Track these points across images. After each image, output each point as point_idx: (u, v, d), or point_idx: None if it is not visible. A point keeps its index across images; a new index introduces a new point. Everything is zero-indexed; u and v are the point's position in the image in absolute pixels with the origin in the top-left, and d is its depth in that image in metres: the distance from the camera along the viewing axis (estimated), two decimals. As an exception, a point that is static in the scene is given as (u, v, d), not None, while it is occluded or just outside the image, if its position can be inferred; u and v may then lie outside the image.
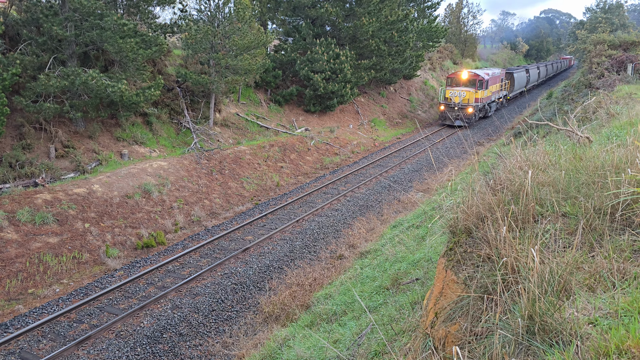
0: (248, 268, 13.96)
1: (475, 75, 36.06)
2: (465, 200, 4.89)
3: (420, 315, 5.73)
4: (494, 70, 43.01)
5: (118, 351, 10.06)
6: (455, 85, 36.75)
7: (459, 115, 35.35)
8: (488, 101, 38.88)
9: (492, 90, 39.40)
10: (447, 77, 38.02)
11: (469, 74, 36.38)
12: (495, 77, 40.87)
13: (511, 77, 48.93)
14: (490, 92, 38.69)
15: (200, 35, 22.25)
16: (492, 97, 40.33)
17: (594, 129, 9.72)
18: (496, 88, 41.28)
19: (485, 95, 37.25)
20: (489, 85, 37.79)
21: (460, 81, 36.45)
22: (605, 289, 3.39)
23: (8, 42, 17.94)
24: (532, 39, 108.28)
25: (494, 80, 40.53)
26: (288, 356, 7.58)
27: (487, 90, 37.30)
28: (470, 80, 36.10)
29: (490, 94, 38.88)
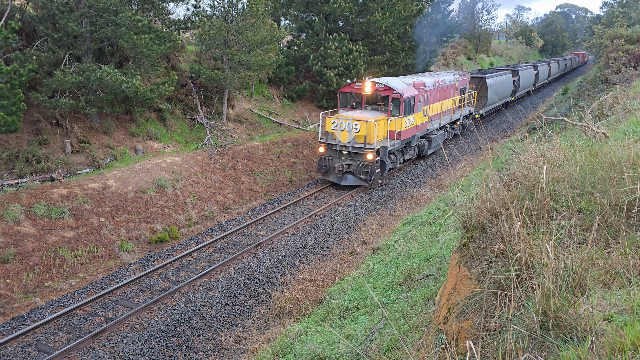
0: (261, 263, 14.03)
1: (386, 90, 20.74)
2: (479, 196, 4.86)
3: (433, 310, 5.72)
4: (443, 75, 27.87)
5: (132, 344, 10.18)
6: (353, 106, 21.94)
7: (350, 166, 20.21)
8: (422, 132, 24.27)
9: (434, 111, 25.54)
10: (340, 92, 22.03)
11: (375, 86, 21.01)
12: (444, 88, 26.95)
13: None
14: (426, 117, 24.33)
15: (213, 31, 22.32)
16: (436, 122, 26.24)
17: (610, 124, 9.59)
18: (447, 106, 27.75)
19: (413, 124, 22.37)
20: (425, 102, 23.92)
21: (362, 98, 21.57)
22: (620, 285, 3.36)
23: (25, 38, 18.16)
24: (547, 34, 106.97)
25: (442, 94, 26.68)
26: (300, 351, 7.61)
27: (417, 114, 22.67)
28: (379, 98, 21.25)
29: (425, 120, 24.34)
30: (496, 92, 35.77)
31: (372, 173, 19.93)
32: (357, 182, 20.23)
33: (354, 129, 19.53)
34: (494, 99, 35.84)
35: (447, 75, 28.08)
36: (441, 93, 26.70)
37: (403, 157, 23.43)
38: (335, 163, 20.39)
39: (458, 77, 29.51)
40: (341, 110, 21.87)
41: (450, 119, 28.55)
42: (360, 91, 21.26)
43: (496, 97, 36.14)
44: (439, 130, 27.10)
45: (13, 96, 14.50)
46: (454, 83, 28.78)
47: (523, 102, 46.36)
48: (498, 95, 36.42)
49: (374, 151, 19.58)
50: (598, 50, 52.84)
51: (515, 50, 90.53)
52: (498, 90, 36.25)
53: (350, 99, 21.93)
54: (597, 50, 59.06)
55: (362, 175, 20.05)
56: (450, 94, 28.36)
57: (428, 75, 26.69)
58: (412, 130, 22.67)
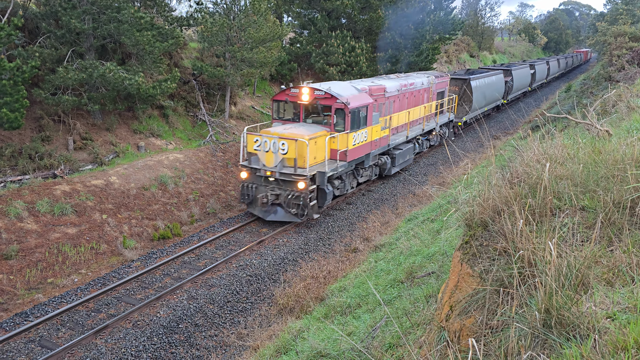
0: (263, 260, 14.04)
1: (328, 98, 16.56)
2: (482, 193, 4.85)
3: (435, 308, 5.72)
4: (413, 78, 23.60)
5: (135, 340, 10.21)
6: (291, 118, 17.56)
7: (278, 196, 16.03)
8: (382, 148, 19.92)
9: (400, 120, 21.57)
10: (273, 100, 17.83)
11: (314, 93, 16.74)
12: (414, 93, 22.90)
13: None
14: (387, 130, 20.01)
15: (216, 28, 22.30)
16: (402, 134, 22.00)
17: (613, 122, 9.56)
18: (419, 114, 23.58)
19: (366, 140, 18.09)
20: (386, 111, 20.07)
21: (300, 109, 17.27)
22: (624, 283, 3.35)
23: (27, 35, 18.18)
24: (550, 31, 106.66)
25: (411, 99, 22.68)
26: (302, 348, 7.62)
27: (372, 127, 18.30)
28: (319, 108, 17.02)
29: (386, 134, 19.97)
30: (483, 96, 31.79)
31: (305, 206, 15.60)
32: (287, 217, 15.94)
33: (280, 149, 15.28)
34: (481, 103, 31.71)
35: (418, 78, 23.98)
36: (410, 99, 22.67)
37: (356, 180, 19.19)
38: (260, 192, 16.10)
39: (433, 79, 25.40)
40: (275, 123, 17.52)
41: (422, 129, 24.15)
42: (297, 99, 16.84)
43: (483, 101, 32.05)
44: (407, 144, 22.63)
45: (16, 93, 14.52)
46: (427, 86, 24.69)
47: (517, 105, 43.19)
48: (486, 98, 32.69)
49: (306, 178, 15.25)
50: (601, 48, 52.62)
51: (518, 47, 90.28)
52: (486, 93, 32.26)
53: (286, 109, 17.60)
54: (600, 48, 58.81)
55: (293, 209, 15.80)
56: (423, 99, 24.33)
57: (393, 78, 22.52)
58: (365, 148, 18.21)
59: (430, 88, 25.16)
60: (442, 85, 26.95)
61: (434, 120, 26.17)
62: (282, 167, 15.53)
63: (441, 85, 26.82)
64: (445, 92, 27.61)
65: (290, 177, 15.46)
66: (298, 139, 15.11)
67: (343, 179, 17.85)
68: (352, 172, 18.64)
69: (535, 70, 48.13)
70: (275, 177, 15.64)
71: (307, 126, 16.74)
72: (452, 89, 30.06)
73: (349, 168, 17.84)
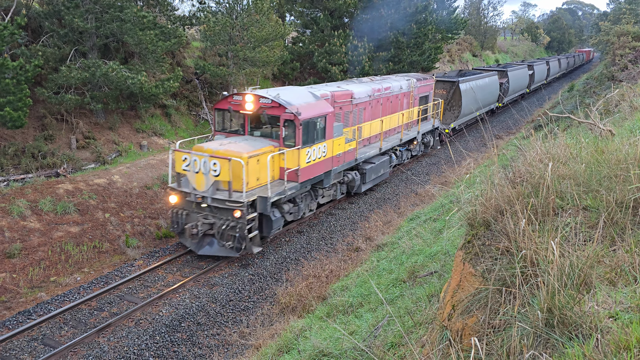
0: (265, 259, 14.05)
1: (275, 107, 14.11)
2: (484, 192, 4.85)
3: (437, 307, 5.72)
4: (389, 81, 21.22)
5: (137, 339, 10.23)
6: (235, 130, 15.22)
7: (213, 225, 13.41)
8: (348, 163, 17.34)
9: (372, 130, 19.35)
10: (215, 109, 15.33)
11: (260, 101, 14.27)
12: (391, 99, 20.71)
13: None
14: (354, 143, 17.47)
15: (218, 27, 22.33)
16: (375, 146, 19.54)
17: (616, 122, 9.55)
18: (396, 122, 21.32)
19: (325, 156, 15.54)
20: (353, 121, 17.89)
21: (245, 119, 14.89)
22: (626, 283, 3.35)
23: (30, 34, 18.22)
24: (553, 31, 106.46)
25: (386, 106, 20.45)
26: (304, 347, 7.63)
27: (333, 140, 15.82)
28: (266, 119, 14.40)
29: (352, 147, 17.40)
30: (474, 100, 29.18)
31: (242, 238, 12.88)
32: (222, 251, 13.24)
33: (212, 170, 12.78)
34: (471, 108, 29.23)
35: (396, 81, 21.57)
36: (386, 105, 20.42)
37: (316, 202, 16.59)
38: (192, 220, 13.42)
39: (414, 82, 22.92)
40: (217, 136, 15.04)
41: (400, 139, 21.63)
42: (240, 108, 14.35)
43: (474, 106, 29.54)
44: (382, 156, 20.12)
45: (19, 92, 14.56)
46: (407, 91, 22.15)
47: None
48: (478, 102, 30.10)
49: (243, 205, 12.62)
50: (604, 48, 52.47)
51: (521, 47, 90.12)
52: (477, 97, 29.71)
53: (232, 119, 15.17)
54: (603, 47, 58.64)
55: (229, 241, 13.09)
56: (403, 105, 21.95)
57: (366, 82, 20.04)
58: (324, 165, 15.57)
59: (411, 92, 22.73)
60: (425, 89, 24.53)
61: (415, 128, 23.66)
62: (215, 191, 12.99)
63: (425, 89, 24.42)
64: (429, 96, 25.14)
65: (223, 203, 12.84)
66: (232, 158, 12.52)
67: (297, 201, 15.22)
68: (309, 192, 16.07)
69: (534, 70, 46.20)
70: (208, 203, 13.02)
71: (252, 141, 14.20)
72: (439, 92, 27.91)
73: (302, 190, 15.09)
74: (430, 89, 25.27)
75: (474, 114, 30.06)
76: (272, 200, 13.27)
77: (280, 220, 14.18)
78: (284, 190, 13.90)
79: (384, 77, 22.52)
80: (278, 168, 14.21)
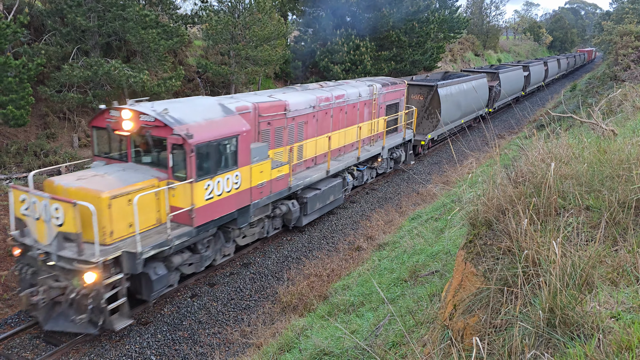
0: (266, 258, 14.07)
1: (160, 127, 10.48)
2: (486, 192, 4.85)
3: (438, 307, 5.73)
4: (344, 87, 17.99)
5: (139, 337, 10.26)
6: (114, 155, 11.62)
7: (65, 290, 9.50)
8: (276, 195, 13.70)
9: (317, 149, 16.18)
10: (92, 127, 11.88)
11: (140, 119, 10.68)
12: (345, 109, 17.38)
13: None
14: (286, 167, 14.01)
15: (220, 26, 22.33)
16: (321, 168, 16.13)
17: (619, 122, 9.54)
18: (353, 137, 17.99)
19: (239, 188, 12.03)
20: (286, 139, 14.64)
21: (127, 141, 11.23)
22: (628, 283, 3.35)
23: (33, 32, 18.25)
24: (556, 30, 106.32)
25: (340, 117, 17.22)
26: (306, 346, 7.64)
27: (252, 167, 12.32)
28: (149, 141, 10.76)
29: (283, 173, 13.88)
30: (457, 106, 26.52)
31: (100, 311, 9.33)
32: (72, 326, 9.57)
33: (54, 217, 9.27)
34: (453, 116, 26.43)
35: (354, 87, 18.19)
36: (338, 117, 16.97)
37: (233, 245, 13.15)
38: (39, 281, 9.76)
39: (379, 88, 19.51)
40: (95, 163, 11.56)
41: (357, 157, 17.83)
42: (119, 127, 10.93)
43: (457, 113, 26.73)
44: (332, 180, 16.35)
45: (22, 90, 14.58)
46: (369, 98, 18.76)
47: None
48: (462, 108, 27.36)
49: (97, 266, 9.01)
50: (607, 47, 52.36)
51: (523, 46, 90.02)
52: (461, 103, 26.97)
53: (111, 141, 11.64)
54: (606, 47, 58.50)
55: (81, 314, 9.41)
56: (362, 115, 18.59)
57: (310, 90, 16.49)
58: (236, 200, 11.95)
59: (374, 100, 19.29)
60: (394, 95, 21.19)
61: (379, 143, 20.16)
62: (60, 246, 9.28)
63: (393, 96, 21.11)
64: (400, 104, 21.90)
65: (71, 263, 9.17)
66: (79, 202, 8.96)
67: (199, 249, 11.68)
68: (218, 234, 12.39)
69: (530, 72, 43.78)
70: (54, 261, 9.35)
71: (131, 172, 10.62)
72: (416, 98, 24.87)
73: (201, 235, 11.33)
74: (402, 96, 21.97)
75: (458, 121, 27.57)
76: (148, 254, 9.71)
77: (166, 278, 10.66)
78: (168, 240, 10.13)
79: (339, 83, 18.90)
80: (166, 208, 10.29)
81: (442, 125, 25.21)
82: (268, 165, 13.07)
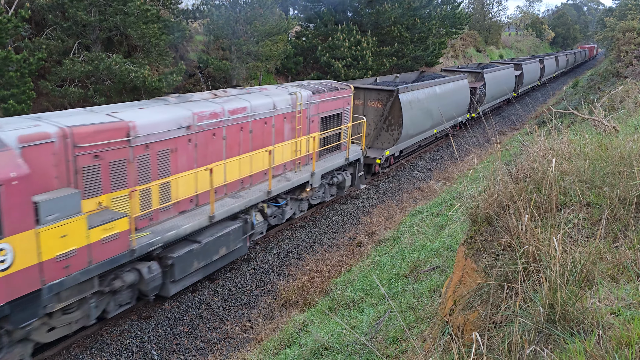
0: (267, 253, 14.09)
1: None
2: (487, 188, 4.86)
3: (438, 303, 5.74)
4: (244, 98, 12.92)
5: (140, 332, 10.29)
6: None
7: None
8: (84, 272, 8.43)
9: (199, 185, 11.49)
10: None
11: None
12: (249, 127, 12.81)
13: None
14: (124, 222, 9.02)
15: (222, 21, 22.28)
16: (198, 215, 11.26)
17: (620, 118, 9.53)
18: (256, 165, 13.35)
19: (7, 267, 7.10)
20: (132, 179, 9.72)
21: None
22: (628, 279, 3.35)
23: (34, 27, 18.21)
24: (558, 26, 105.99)
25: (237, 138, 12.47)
26: (306, 341, 7.66)
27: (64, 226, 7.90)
28: None
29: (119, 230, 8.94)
30: (426, 114, 22.65)
31: None
32: None
33: None
34: (420, 126, 22.50)
35: (265, 97, 13.58)
36: (237, 137, 12.50)
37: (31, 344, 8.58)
38: None
39: (308, 96, 14.93)
40: None
41: (267, 191, 13.19)
42: None
43: (426, 122, 22.92)
44: (226, 225, 12.06)
45: (23, 85, 14.58)
46: (291, 110, 14.25)
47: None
48: (432, 117, 23.27)
49: None
50: (609, 43, 52.18)
51: (525, 42, 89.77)
52: (432, 110, 22.82)
53: None
54: (608, 43, 58.28)
55: None
56: (280, 133, 14.06)
57: (190, 101, 11.92)
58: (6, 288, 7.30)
59: (299, 112, 14.58)
60: (334, 104, 16.37)
61: (308, 167, 15.41)
62: None
63: (333, 105, 16.27)
64: (343, 114, 17.04)
65: None
66: None
67: None
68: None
69: (523, 70, 40.40)
70: None
71: None
72: (373, 105, 20.71)
73: None
74: (346, 105, 17.12)
75: (429, 132, 23.81)
76: None
77: None
78: None
79: (244, 91, 13.81)
80: None
81: (405, 139, 21.36)
82: (80, 225, 8.35)
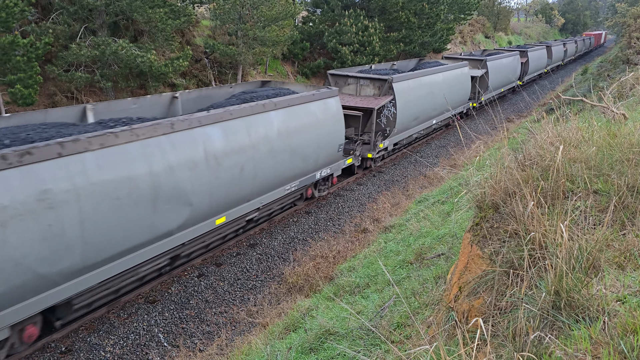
0: (273, 239, 14.14)
1: None
2: (493, 175, 4.83)
3: (443, 289, 5.75)
4: None
5: (147, 315, 10.39)
6: None
7: None
8: None
9: None
10: None
11: None
12: None
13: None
14: None
15: (228, 6, 22.13)
16: None
17: (630, 105, 9.42)
18: None
19: None
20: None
21: None
22: (635, 267, 3.34)
23: (40, 11, 18.17)
24: (568, 12, 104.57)
25: None
26: (311, 326, 7.70)
27: None
28: None
29: None
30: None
31: None
32: None
33: None
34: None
35: None
36: None
37: None
38: None
39: None
40: None
41: None
42: None
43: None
44: None
45: (29, 69, 14.58)
46: None
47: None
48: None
49: None
50: (620, 30, 51.43)
51: (534, 28, 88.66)
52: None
53: None
54: (619, 30, 57.40)
55: None
56: None
57: None
58: None
59: None
60: None
61: None
62: None
63: None
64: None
65: None
66: None
67: None
68: None
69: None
70: None
71: None
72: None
73: None
74: None
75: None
76: None
77: None
78: None
79: None
80: None
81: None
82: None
